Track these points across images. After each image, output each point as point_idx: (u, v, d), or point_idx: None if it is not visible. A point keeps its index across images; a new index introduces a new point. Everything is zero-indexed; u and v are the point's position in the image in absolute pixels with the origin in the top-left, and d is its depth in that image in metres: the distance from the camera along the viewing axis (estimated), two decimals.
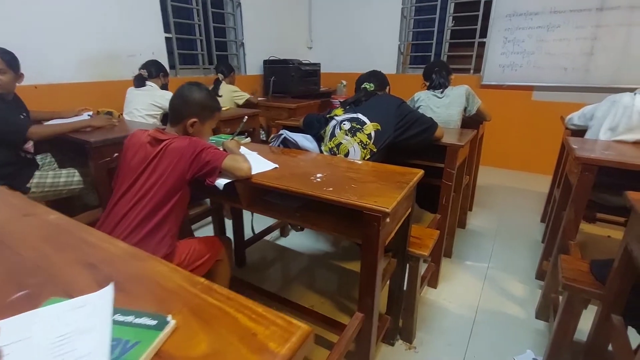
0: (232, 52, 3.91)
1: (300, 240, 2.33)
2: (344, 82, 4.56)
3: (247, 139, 1.57)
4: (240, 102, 3.27)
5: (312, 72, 4.13)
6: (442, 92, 2.10)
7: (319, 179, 1.06)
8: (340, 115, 1.57)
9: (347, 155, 1.47)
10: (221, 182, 1.09)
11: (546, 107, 3.55)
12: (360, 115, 1.50)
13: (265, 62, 4.04)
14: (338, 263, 2.10)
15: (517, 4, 3.43)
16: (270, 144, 1.59)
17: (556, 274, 1.29)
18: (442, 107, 2.08)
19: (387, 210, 0.85)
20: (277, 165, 1.17)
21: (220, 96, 3.16)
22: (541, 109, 3.58)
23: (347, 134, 1.49)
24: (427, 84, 2.20)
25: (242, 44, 3.88)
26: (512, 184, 3.43)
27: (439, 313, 1.67)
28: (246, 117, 1.46)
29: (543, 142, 3.62)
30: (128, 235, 1.13)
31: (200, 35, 3.49)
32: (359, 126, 1.48)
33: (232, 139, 1.43)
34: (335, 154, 1.50)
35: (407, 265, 1.34)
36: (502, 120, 3.77)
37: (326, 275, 2.01)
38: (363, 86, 1.67)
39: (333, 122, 1.57)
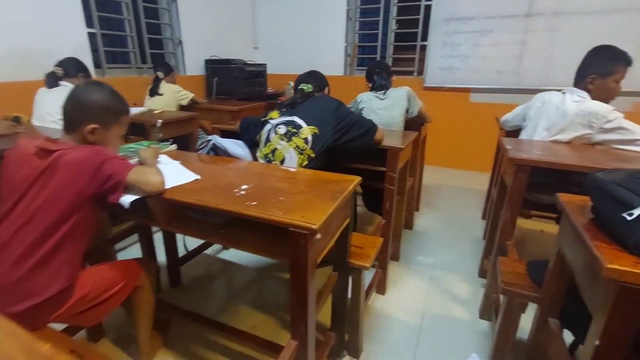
0: (169, 51, 3.63)
1: (245, 252, 2.18)
2: (292, 84, 4.44)
3: (172, 145, 1.40)
4: (185, 102, 3.03)
5: (257, 73, 3.98)
6: (384, 94, 2.07)
7: (243, 192, 0.93)
8: (275, 118, 1.46)
9: (283, 162, 1.36)
10: (127, 199, 0.92)
11: (483, 108, 3.72)
12: (296, 119, 1.40)
13: (207, 61, 3.81)
14: (286, 275, 1.98)
15: (454, 9, 3.56)
16: (199, 152, 1.43)
17: (496, 275, 1.28)
18: (385, 108, 2.05)
19: (314, 227, 0.75)
20: (198, 177, 1.03)
21: (160, 94, 2.91)
22: (478, 110, 3.75)
23: (282, 139, 1.38)
24: (370, 85, 2.17)
25: (180, 41, 3.62)
26: (455, 183, 3.55)
27: (387, 322, 1.62)
28: (160, 121, 1.29)
29: (481, 142, 3.80)
30: (10, 269, 0.92)
31: (131, 32, 3.19)
32: (295, 130, 1.37)
33: (149, 146, 1.25)
34: (270, 161, 1.38)
35: (350, 277, 1.26)
36: (444, 121, 3.90)
37: (273, 290, 1.88)
38: (300, 87, 1.57)
39: (268, 126, 1.45)
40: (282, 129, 1.39)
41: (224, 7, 4.08)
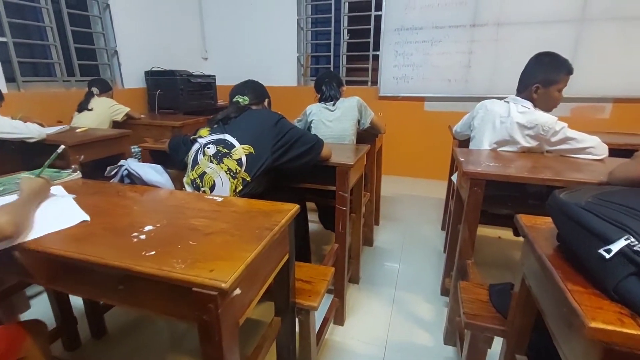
0: (104, 62, 3.30)
1: None
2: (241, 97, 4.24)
3: (74, 174, 1.15)
4: (119, 117, 2.73)
5: (205, 85, 3.73)
6: (333, 105, 1.94)
7: (143, 236, 0.73)
8: (205, 136, 1.26)
9: (213, 188, 1.16)
10: None
11: (437, 116, 3.74)
12: (227, 137, 1.21)
13: (147, 73, 3.51)
14: None
15: (404, 19, 3.57)
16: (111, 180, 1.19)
17: (457, 298, 1.17)
18: (335, 120, 1.91)
19: (224, 286, 0.57)
20: (86, 218, 0.81)
21: (90, 110, 2.59)
22: (433, 118, 3.77)
23: (211, 161, 1.18)
24: (318, 96, 2.03)
25: (116, 52, 3.31)
26: (414, 192, 3.51)
27: (347, 357, 1.45)
28: (62, 146, 1.05)
29: (437, 150, 3.81)
30: None
31: (54, 41, 2.84)
32: (226, 150, 1.19)
33: (39, 175, 1.00)
34: (199, 188, 1.18)
35: (297, 319, 1.08)
36: (400, 129, 3.88)
37: None
38: (235, 99, 1.40)
39: (196, 146, 1.25)
40: (212, 149, 1.20)
41: (167, 15, 3.81)
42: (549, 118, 1.47)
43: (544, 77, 1.51)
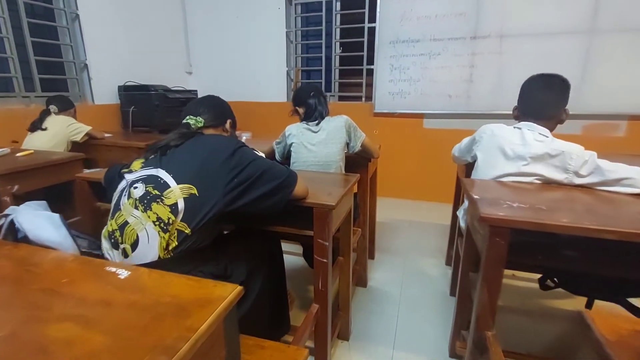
0: (72, 76, 3.01)
1: None
2: None
3: None
4: (78, 138, 2.41)
5: (185, 101, 3.44)
6: (317, 125, 1.64)
7: None
8: (135, 170, 0.95)
9: (135, 245, 0.84)
10: None
11: (437, 134, 3.46)
12: (161, 173, 0.90)
13: (120, 88, 3.23)
14: None
15: (399, 31, 3.33)
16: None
17: None
18: (319, 143, 1.61)
19: None
20: None
21: (44, 129, 2.28)
22: (433, 136, 3.48)
23: (136, 206, 0.86)
24: (301, 113, 1.72)
25: (85, 65, 3.02)
26: (413, 217, 3.18)
27: None
28: None
29: (438, 170, 3.51)
30: None
31: (11, 53, 2.55)
32: (157, 192, 0.87)
33: None
34: (117, 244, 0.86)
35: None
36: (398, 148, 3.59)
37: None
38: (186, 121, 1.09)
39: (122, 184, 0.93)
40: (139, 190, 0.88)
41: (147, 27, 3.56)
42: (575, 146, 1.24)
43: (566, 101, 1.37)
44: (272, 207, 1.01)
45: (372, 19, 3.41)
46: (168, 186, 0.87)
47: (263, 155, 1.56)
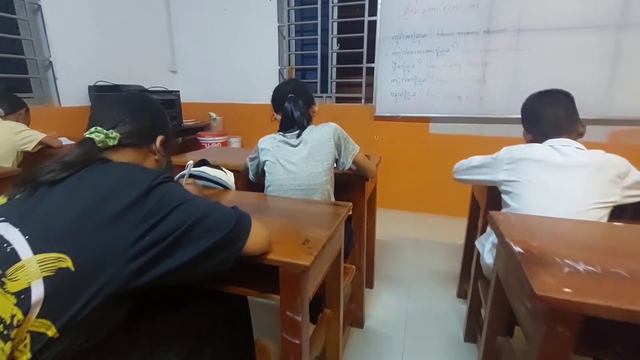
0: (33, 75, 2.68)
1: None
2: (214, 115, 3.63)
3: None
4: (30, 147, 2.07)
5: (165, 103, 3.10)
6: (298, 137, 1.28)
7: None
8: None
9: None
10: None
11: (444, 140, 3.11)
12: (10, 231, 0.55)
13: (91, 89, 2.89)
14: None
15: (403, 25, 2.97)
16: None
17: None
18: (300, 162, 1.26)
19: None
20: None
21: None
22: (439, 142, 3.13)
23: None
24: (277, 117, 1.37)
25: (50, 63, 2.69)
26: (418, 234, 2.82)
27: None
28: None
29: (445, 180, 3.13)
30: None
31: None
32: None
33: None
34: None
35: None
36: (400, 155, 3.24)
37: None
38: (89, 135, 0.74)
39: None
40: None
41: (125, 21, 3.22)
42: (617, 156, 1.09)
43: (577, 112, 1.24)
44: (210, 273, 0.67)
45: (373, 12, 3.06)
46: (16, 258, 0.52)
47: (231, 181, 1.24)
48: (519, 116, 1.44)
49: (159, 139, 0.83)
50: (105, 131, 0.74)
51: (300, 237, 0.83)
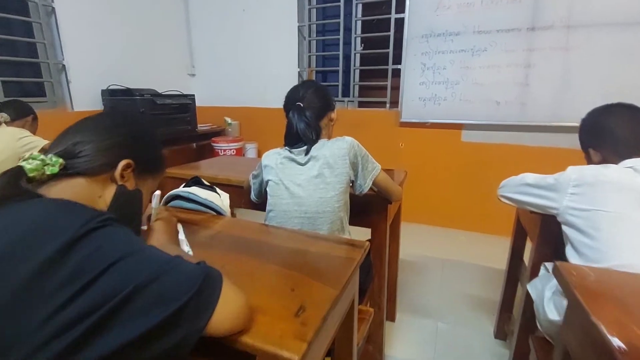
0: (46, 79, 2.61)
1: None
2: (229, 120, 3.48)
3: None
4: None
5: (179, 107, 2.98)
6: (306, 154, 1.06)
7: None
8: None
9: None
10: None
11: (479, 150, 2.79)
12: None
13: (104, 92, 2.81)
14: None
15: (434, 22, 2.69)
16: None
17: None
18: (308, 184, 1.03)
19: None
20: None
21: None
22: (473, 152, 2.82)
23: None
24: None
25: (63, 66, 2.62)
26: (448, 253, 2.52)
27: None
28: None
29: (479, 194, 2.83)
30: None
31: None
32: None
33: None
34: None
35: None
36: (429, 166, 2.96)
37: None
38: (23, 163, 0.55)
39: None
40: None
41: (141, 22, 3.13)
42: None
43: None
44: (162, 358, 0.46)
45: (401, 8, 2.80)
46: None
47: (225, 205, 1.03)
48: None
49: (122, 163, 0.63)
50: (41, 156, 0.56)
51: (295, 300, 0.60)
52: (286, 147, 1.11)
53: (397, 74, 2.93)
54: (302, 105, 1.11)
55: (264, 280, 0.68)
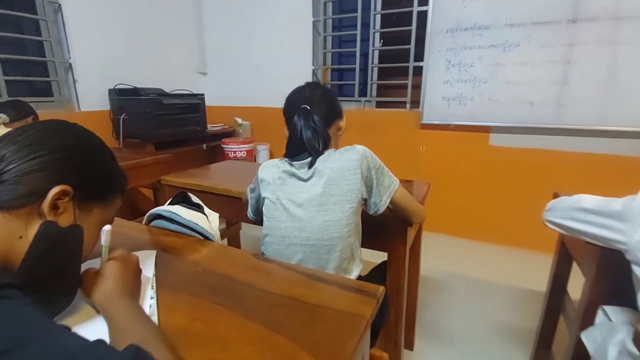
0: (53, 78, 2.54)
1: None
2: (240, 120, 3.33)
3: None
4: None
5: (187, 107, 2.86)
6: (310, 167, 0.88)
7: None
8: None
9: None
10: None
11: (509, 155, 2.54)
12: None
13: (111, 92, 2.71)
14: None
15: (461, 14, 2.46)
16: None
17: None
18: (310, 204, 0.85)
19: None
20: None
21: None
22: (503, 157, 2.56)
23: None
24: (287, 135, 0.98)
25: (70, 65, 2.54)
26: (473, 270, 2.29)
27: None
28: None
29: (510, 203, 2.58)
30: None
31: None
32: None
33: None
34: None
35: None
36: (452, 171, 2.72)
37: None
38: None
39: None
40: None
41: (151, 19, 3.03)
42: None
43: None
44: None
45: (424, 1, 2.58)
46: None
47: (214, 226, 0.87)
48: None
49: (55, 190, 0.47)
50: None
51: None
52: (286, 159, 0.93)
53: (418, 72, 2.71)
54: (309, 108, 0.93)
55: (238, 349, 0.50)
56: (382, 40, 2.94)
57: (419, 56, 2.68)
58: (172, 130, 2.73)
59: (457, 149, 2.69)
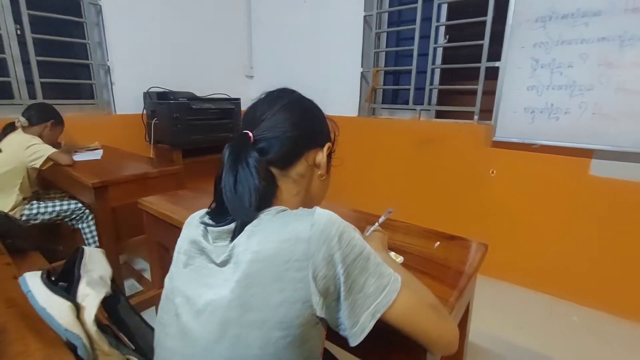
0: (90, 81, 2.51)
1: None
2: None
3: None
4: (38, 164, 1.77)
5: (219, 113, 2.65)
6: (231, 239, 0.48)
7: None
8: None
9: None
10: None
11: (618, 190, 1.82)
12: None
13: (145, 95, 2.62)
14: None
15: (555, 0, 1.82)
16: None
17: None
18: (213, 314, 0.45)
19: None
20: None
21: None
22: (608, 192, 1.85)
23: None
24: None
25: (108, 68, 2.49)
26: (564, 347, 1.63)
27: None
28: None
29: (612, 254, 1.86)
30: None
31: (11, 53, 2.13)
32: None
33: None
34: None
35: None
36: (533, 205, 2.07)
37: None
38: None
39: None
40: None
41: (195, 20, 2.91)
42: None
43: None
44: None
45: None
46: None
47: None
48: None
49: None
50: None
51: None
52: (206, 215, 0.56)
53: (493, 75, 2.11)
54: (253, 136, 0.54)
55: None
56: (447, 36, 2.39)
57: (495, 55, 2.09)
58: (202, 136, 2.54)
59: (541, 177, 2.03)
